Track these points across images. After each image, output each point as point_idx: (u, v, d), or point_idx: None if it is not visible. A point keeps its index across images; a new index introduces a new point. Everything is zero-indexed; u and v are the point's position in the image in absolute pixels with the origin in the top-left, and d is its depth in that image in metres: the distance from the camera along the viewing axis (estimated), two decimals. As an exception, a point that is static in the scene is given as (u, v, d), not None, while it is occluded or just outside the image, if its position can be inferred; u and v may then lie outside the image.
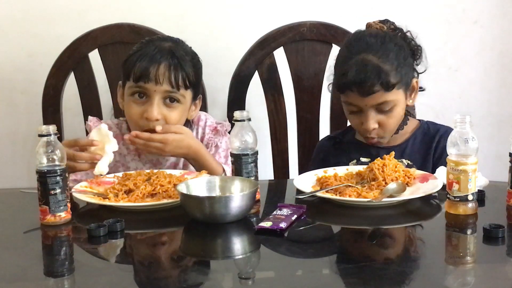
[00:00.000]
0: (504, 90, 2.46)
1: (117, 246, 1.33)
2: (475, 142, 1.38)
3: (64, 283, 1.17)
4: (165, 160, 1.89)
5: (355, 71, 1.71)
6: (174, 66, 1.78)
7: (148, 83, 1.76)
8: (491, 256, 1.24)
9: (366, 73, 1.71)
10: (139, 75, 1.77)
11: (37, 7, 2.30)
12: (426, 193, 1.48)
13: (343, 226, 1.45)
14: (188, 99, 1.84)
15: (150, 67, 1.76)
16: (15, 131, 2.38)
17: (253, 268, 1.22)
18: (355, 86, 1.72)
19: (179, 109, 1.81)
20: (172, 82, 1.77)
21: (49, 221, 1.39)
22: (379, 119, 1.76)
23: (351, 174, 1.62)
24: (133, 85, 1.79)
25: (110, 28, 2.13)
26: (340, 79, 1.76)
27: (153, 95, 1.77)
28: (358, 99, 1.74)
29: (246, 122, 1.52)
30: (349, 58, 1.75)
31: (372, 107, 1.75)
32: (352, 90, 1.73)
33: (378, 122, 1.76)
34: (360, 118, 1.78)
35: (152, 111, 1.76)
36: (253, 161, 1.51)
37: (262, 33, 2.15)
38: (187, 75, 1.80)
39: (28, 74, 2.32)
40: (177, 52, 1.80)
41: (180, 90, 1.79)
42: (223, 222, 1.36)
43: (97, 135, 1.64)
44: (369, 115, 1.75)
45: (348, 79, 1.72)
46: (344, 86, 1.75)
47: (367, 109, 1.75)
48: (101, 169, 1.61)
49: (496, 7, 2.40)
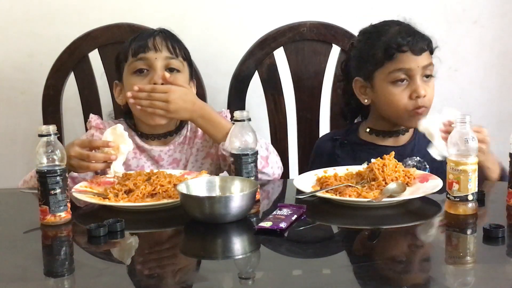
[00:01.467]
0: (504, 90, 2.46)
1: (117, 246, 1.33)
2: (475, 142, 1.38)
3: (64, 283, 1.17)
4: (167, 156, 1.88)
5: (404, 31, 1.75)
6: (170, 36, 1.84)
7: (148, 52, 1.79)
8: (491, 256, 1.24)
9: (414, 30, 1.76)
10: (138, 48, 1.80)
11: (37, 7, 2.30)
12: (426, 193, 1.48)
13: (343, 226, 1.45)
14: (186, 71, 1.86)
15: (147, 39, 1.81)
16: (15, 131, 2.38)
17: (253, 268, 1.22)
18: (408, 44, 1.73)
19: (181, 79, 1.82)
20: (170, 49, 1.81)
21: (49, 221, 1.39)
22: (426, 89, 1.76)
23: (351, 174, 1.62)
24: (133, 60, 1.81)
25: (110, 28, 2.13)
26: (389, 44, 1.74)
27: (154, 63, 1.79)
28: (411, 60, 1.74)
29: (246, 122, 1.52)
30: (386, 30, 1.78)
31: (421, 71, 1.75)
32: (404, 50, 1.73)
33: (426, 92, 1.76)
34: (408, 89, 1.76)
35: (159, 73, 1.77)
36: (253, 161, 1.51)
37: (262, 33, 2.15)
38: (182, 47, 1.85)
39: (28, 74, 2.32)
40: (168, 31, 1.87)
41: (178, 57, 1.82)
42: (223, 222, 1.36)
43: (111, 135, 1.64)
44: (420, 81, 1.75)
45: (400, 40, 1.73)
46: (395, 48, 1.73)
47: (417, 72, 1.75)
48: (117, 170, 1.61)
49: (496, 7, 2.40)
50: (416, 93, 1.75)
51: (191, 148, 1.90)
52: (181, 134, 1.91)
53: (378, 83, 1.80)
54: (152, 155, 1.88)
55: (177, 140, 1.90)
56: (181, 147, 1.90)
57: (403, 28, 1.77)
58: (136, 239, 1.37)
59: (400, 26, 1.78)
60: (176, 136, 1.90)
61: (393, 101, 1.78)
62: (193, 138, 1.91)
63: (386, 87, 1.78)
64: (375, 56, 1.78)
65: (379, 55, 1.77)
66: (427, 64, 1.76)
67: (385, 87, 1.78)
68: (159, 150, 1.87)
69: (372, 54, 1.78)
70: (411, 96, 1.76)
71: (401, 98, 1.77)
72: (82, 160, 1.61)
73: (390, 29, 1.78)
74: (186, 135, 1.91)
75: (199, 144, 1.90)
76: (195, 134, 1.91)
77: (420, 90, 1.75)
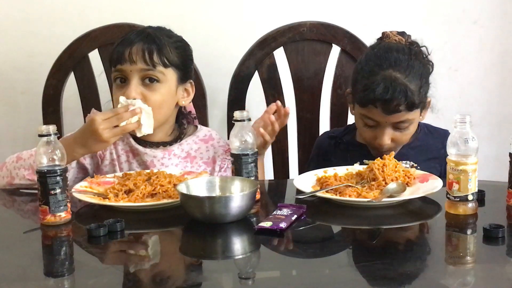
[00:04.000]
0: (504, 90, 2.46)
1: (117, 246, 1.33)
2: (475, 142, 1.38)
3: (64, 283, 1.17)
4: (159, 164, 1.82)
5: (382, 88, 1.68)
6: (148, 45, 1.76)
7: (124, 64, 1.75)
8: (491, 256, 1.24)
9: (394, 91, 1.67)
10: (116, 59, 1.77)
11: (37, 7, 2.30)
12: (426, 193, 1.48)
13: (343, 226, 1.45)
14: (171, 79, 1.79)
15: (125, 49, 1.76)
16: (15, 131, 2.38)
17: (253, 268, 1.22)
18: (381, 103, 1.69)
19: (161, 89, 1.77)
20: (147, 60, 1.75)
21: (49, 221, 1.39)
22: (394, 135, 1.76)
23: (351, 174, 1.62)
24: (113, 70, 1.80)
25: (110, 28, 2.13)
26: (365, 93, 1.71)
27: (129, 76, 1.76)
28: (380, 116, 1.72)
29: (246, 122, 1.52)
30: (376, 72, 1.72)
31: (391, 125, 1.74)
32: (376, 106, 1.71)
33: (392, 138, 1.76)
34: (374, 132, 1.77)
35: (130, 91, 1.74)
36: (253, 161, 1.51)
37: (262, 33, 2.15)
38: (164, 53, 1.77)
39: (28, 74, 2.32)
40: (156, 35, 1.79)
41: (157, 67, 1.76)
42: (223, 222, 1.36)
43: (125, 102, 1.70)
44: (386, 132, 1.74)
45: (374, 96, 1.69)
46: (368, 101, 1.71)
47: (386, 126, 1.74)
48: (145, 130, 1.67)
49: (496, 7, 2.40)
50: (378, 143, 1.76)
51: (192, 167, 1.83)
52: (182, 148, 1.85)
53: (355, 110, 1.83)
54: (145, 160, 1.82)
55: (175, 151, 1.84)
56: (179, 161, 1.84)
57: (388, 82, 1.69)
58: (136, 239, 1.37)
59: (386, 78, 1.70)
60: (175, 146, 1.85)
61: (362, 134, 1.83)
62: (197, 160, 1.85)
63: (358, 120, 1.81)
64: (357, 91, 1.78)
65: (358, 93, 1.76)
66: (398, 122, 1.73)
67: (358, 120, 1.82)
68: (153, 155, 1.81)
69: (356, 87, 1.79)
70: (376, 139, 1.77)
71: (369, 136, 1.80)
72: (114, 128, 1.65)
73: (377, 75, 1.71)
74: (189, 152, 1.85)
75: (200, 165, 1.85)
76: (201, 156, 1.86)
77: (382, 142, 1.75)
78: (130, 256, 1.29)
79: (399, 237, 1.38)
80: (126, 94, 1.73)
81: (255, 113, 1.80)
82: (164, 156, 1.82)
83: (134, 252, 1.31)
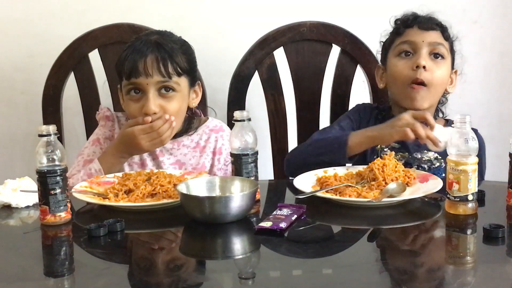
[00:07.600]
0: (504, 90, 2.46)
1: (117, 246, 1.33)
2: (475, 142, 1.38)
3: (64, 283, 1.17)
4: (168, 154, 1.89)
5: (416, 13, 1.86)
6: (162, 56, 1.77)
7: (139, 78, 1.76)
8: (491, 256, 1.24)
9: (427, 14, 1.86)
10: (129, 72, 1.77)
11: (37, 7, 2.30)
12: (426, 193, 1.48)
13: (343, 226, 1.45)
14: (184, 86, 1.83)
15: (138, 62, 1.76)
16: (15, 131, 2.38)
17: (253, 268, 1.22)
18: (417, 20, 1.83)
19: (177, 97, 1.81)
20: (162, 71, 1.77)
21: (49, 221, 1.39)
22: (430, 64, 1.80)
23: (351, 174, 1.63)
24: (126, 83, 1.80)
25: (110, 28, 2.13)
26: (404, 17, 1.87)
27: (146, 89, 1.77)
28: (416, 34, 1.83)
29: (246, 122, 1.52)
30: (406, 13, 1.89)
31: (427, 47, 1.81)
32: (412, 26, 1.83)
33: (427, 67, 1.79)
34: (412, 60, 1.81)
35: (149, 105, 1.76)
36: (253, 161, 1.51)
37: (262, 33, 2.15)
38: (176, 62, 1.79)
39: (28, 74, 2.32)
40: (164, 42, 1.80)
41: (172, 78, 1.78)
42: (223, 222, 1.36)
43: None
44: (423, 53, 1.80)
45: (411, 15, 1.85)
46: (406, 22, 1.85)
47: (422, 46, 1.81)
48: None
49: (496, 7, 2.40)
50: (416, 63, 1.79)
51: (200, 157, 1.90)
52: (191, 138, 1.91)
53: (388, 62, 1.89)
54: (153, 150, 1.86)
55: (185, 141, 1.90)
56: (188, 151, 1.89)
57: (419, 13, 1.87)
58: (136, 239, 1.37)
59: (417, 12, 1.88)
60: (184, 137, 1.91)
61: (396, 72, 1.85)
62: (206, 149, 1.91)
63: (392, 60, 1.87)
64: (390, 38, 1.90)
65: (396, 24, 1.91)
66: (434, 42, 1.81)
67: (391, 61, 1.87)
68: (162, 146, 1.85)
69: (389, 38, 1.90)
70: (413, 67, 1.80)
71: (403, 69, 1.83)
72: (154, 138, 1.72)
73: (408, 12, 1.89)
74: (199, 142, 1.91)
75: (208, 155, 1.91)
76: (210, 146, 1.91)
77: (420, 60, 1.79)
78: (130, 256, 1.29)
79: (399, 237, 1.38)
80: (146, 109, 1.76)
81: (255, 113, 1.80)
82: (173, 147, 1.88)
83: (134, 252, 1.31)
